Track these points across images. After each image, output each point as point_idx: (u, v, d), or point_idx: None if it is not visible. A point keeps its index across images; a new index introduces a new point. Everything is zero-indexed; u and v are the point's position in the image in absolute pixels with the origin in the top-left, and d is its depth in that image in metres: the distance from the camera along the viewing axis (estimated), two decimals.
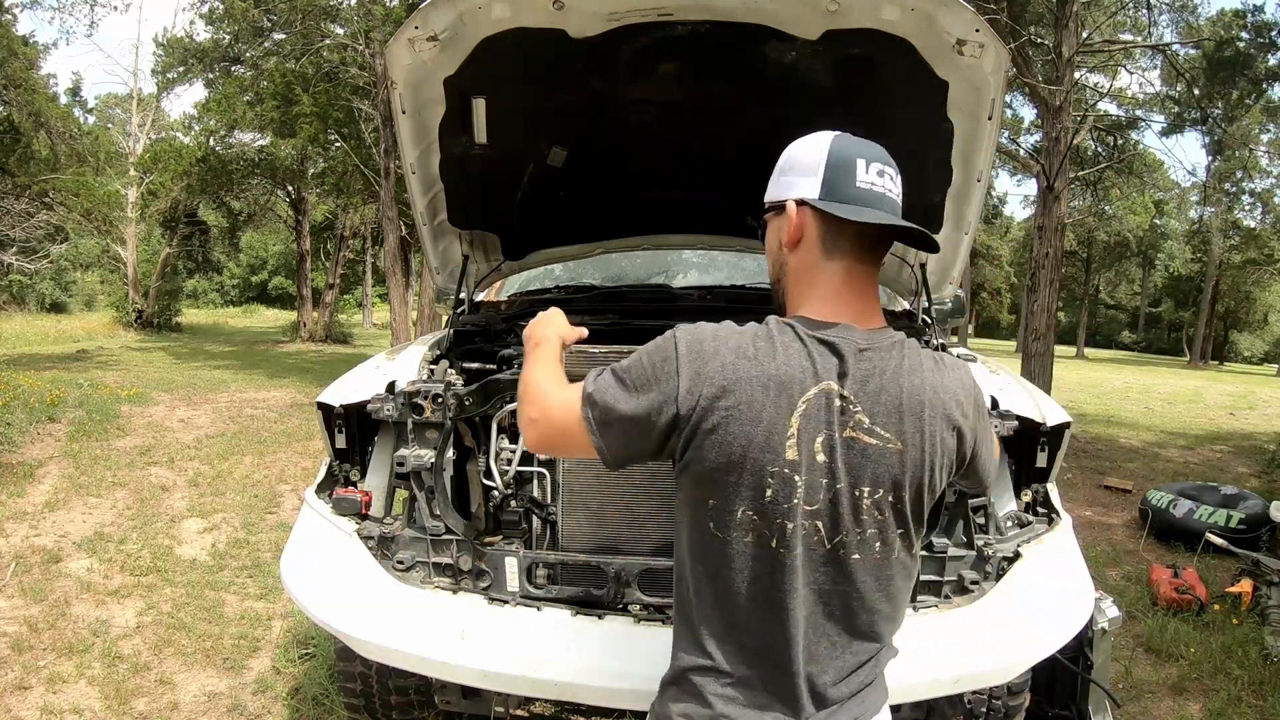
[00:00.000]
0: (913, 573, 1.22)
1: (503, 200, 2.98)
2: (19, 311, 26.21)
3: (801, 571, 1.13)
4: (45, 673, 3.28)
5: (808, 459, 1.09)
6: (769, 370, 1.09)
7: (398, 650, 1.96)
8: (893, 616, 1.20)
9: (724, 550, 1.13)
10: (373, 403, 2.19)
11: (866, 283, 1.19)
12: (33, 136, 16.14)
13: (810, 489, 1.10)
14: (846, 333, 1.13)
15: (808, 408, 1.09)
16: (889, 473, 1.11)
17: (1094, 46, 11.49)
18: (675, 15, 2.26)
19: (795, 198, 1.19)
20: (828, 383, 1.10)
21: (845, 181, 1.15)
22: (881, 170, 1.17)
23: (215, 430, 8.26)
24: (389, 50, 2.32)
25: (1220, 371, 31.73)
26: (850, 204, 1.14)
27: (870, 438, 1.10)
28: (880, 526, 1.13)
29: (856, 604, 1.16)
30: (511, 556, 2.06)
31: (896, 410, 1.10)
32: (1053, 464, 2.30)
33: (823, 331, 1.13)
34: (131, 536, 4.95)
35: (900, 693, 1.89)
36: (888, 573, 1.16)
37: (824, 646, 1.16)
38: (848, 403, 1.10)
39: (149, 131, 24.95)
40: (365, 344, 21.83)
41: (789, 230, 1.19)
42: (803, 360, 1.10)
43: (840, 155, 1.16)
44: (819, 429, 1.09)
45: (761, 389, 1.09)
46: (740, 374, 1.09)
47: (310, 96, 14.55)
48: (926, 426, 1.11)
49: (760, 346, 1.11)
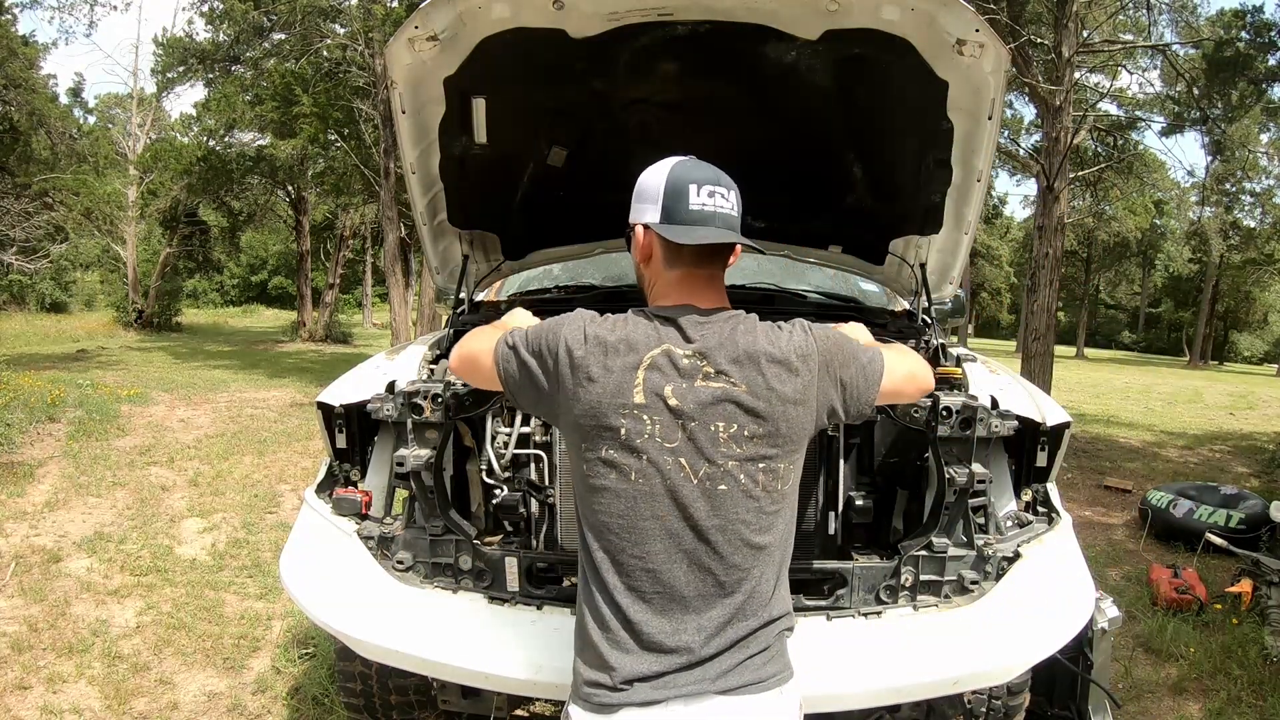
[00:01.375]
0: (784, 508, 1.38)
1: (503, 200, 2.98)
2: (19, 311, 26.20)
3: (670, 502, 1.31)
4: (45, 673, 3.28)
5: (656, 402, 1.32)
6: (620, 335, 1.36)
7: (398, 650, 1.96)
8: (768, 550, 1.35)
9: (599, 483, 1.35)
10: (372, 402, 2.19)
11: (704, 281, 1.42)
12: (33, 136, 16.13)
13: (666, 428, 1.32)
14: (684, 312, 1.38)
15: (652, 362, 1.33)
16: (738, 408, 1.32)
17: (1094, 46, 11.48)
18: (675, 15, 2.26)
19: (643, 222, 1.43)
20: (669, 345, 1.34)
21: (680, 206, 1.38)
22: (712, 191, 1.40)
23: (215, 430, 8.26)
24: (389, 50, 2.32)
25: (1220, 371, 31.73)
26: (685, 225, 1.38)
27: (715, 382, 1.32)
28: (741, 459, 1.32)
29: (730, 536, 1.32)
30: (511, 556, 2.06)
31: (735, 360, 1.33)
32: (1053, 464, 2.30)
33: (665, 312, 1.38)
34: (131, 536, 4.95)
35: (900, 693, 1.89)
36: (756, 502, 1.33)
37: (695, 583, 1.32)
38: (693, 359, 1.33)
39: (149, 131, 24.95)
40: (365, 344, 21.83)
41: (639, 249, 1.45)
42: (648, 330, 1.36)
43: (675, 183, 1.40)
44: (667, 380, 1.32)
45: (614, 352, 1.34)
46: (598, 341, 1.37)
47: (310, 96, 14.54)
48: (764, 370, 1.32)
49: (615, 323, 1.38)
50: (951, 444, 2.04)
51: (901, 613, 2.01)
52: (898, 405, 2.11)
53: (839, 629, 1.97)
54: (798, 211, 3.00)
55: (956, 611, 2.00)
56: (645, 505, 1.32)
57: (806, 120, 2.64)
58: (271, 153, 19.12)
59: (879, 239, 3.02)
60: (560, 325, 1.41)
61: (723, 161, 1.51)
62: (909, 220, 2.88)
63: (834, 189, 2.88)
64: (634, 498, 1.32)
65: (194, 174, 20.78)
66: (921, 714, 2.30)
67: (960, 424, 2.02)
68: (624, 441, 1.32)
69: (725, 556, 1.32)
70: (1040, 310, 9.60)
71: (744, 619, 1.33)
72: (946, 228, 2.82)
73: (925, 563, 2.03)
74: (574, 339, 1.37)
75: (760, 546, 1.34)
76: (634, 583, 1.32)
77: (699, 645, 1.30)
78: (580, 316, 1.42)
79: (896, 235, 2.99)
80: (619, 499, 1.33)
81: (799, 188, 2.88)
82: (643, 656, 1.30)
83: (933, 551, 2.02)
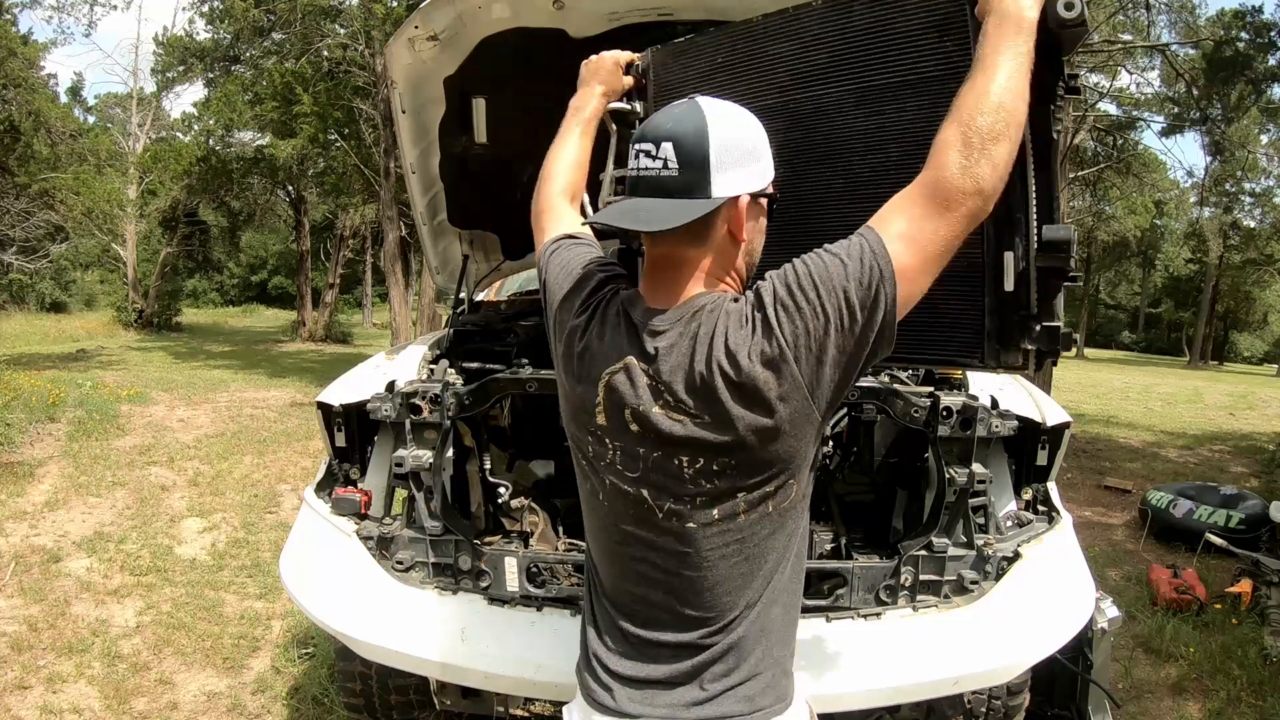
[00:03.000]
0: (778, 532, 1.17)
1: (503, 200, 2.98)
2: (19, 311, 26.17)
3: (634, 530, 1.18)
4: (45, 672, 3.28)
5: (618, 427, 1.16)
6: (590, 344, 1.20)
7: (397, 650, 1.96)
8: (741, 589, 1.17)
9: (582, 492, 1.28)
10: (371, 403, 2.19)
11: (667, 263, 1.18)
12: (33, 136, 16.13)
13: (627, 456, 1.16)
14: (647, 315, 1.16)
15: (610, 379, 1.16)
16: (703, 445, 1.10)
17: (1093, 46, 11.48)
18: (675, 15, 2.26)
19: None
20: (629, 360, 1.15)
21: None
22: (643, 150, 1.14)
23: (215, 430, 8.26)
24: (389, 50, 2.32)
25: (1220, 371, 31.72)
26: (627, 195, 1.18)
27: (676, 415, 1.11)
28: (712, 495, 1.12)
29: (708, 574, 1.16)
30: (511, 556, 2.06)
31: (692, 389, 1.10)
32: (1053, 464, 2.30)
33: (634, 311, 1.17)
34: (131, 536, 4.94)
35: (900, 693, 1.89)
36: (733, 538, 1.14)
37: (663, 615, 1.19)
38: (655, 380, 1.12)
39: (149, 131, 24.95)
40: (365, 344, 21.82)
41: None
42: (613, 337, 1.18)
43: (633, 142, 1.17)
44: (627, 401, 1.14)
45: (580, 358, 1.21)
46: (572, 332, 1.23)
47: (310, 96, 14.54)
48: (725, 399, 1.07)
49: (593, 312, 1.22)
50: (951, 444, 2.05)
51: (901, 613, 2.01)
52: (897, 404, 2.11)
53: (839, 629, 1.97)
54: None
55: (956, 611, 2.00)
56: (614, 530, 1.21)
57: None
58: (271, 153, 19.13)
59: None
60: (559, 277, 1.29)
61: None
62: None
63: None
64: (604, 518, 1.23)
65: (194, 174, 20.79)
66: (921, 714, 2.30)
67: (960, 424, 2.03)
68: (591, 460, 1.21)
69: (703, 595, 1.16)
70: None
71: (731, 657, 1.17)
72: None
73: (925, 563, 2.03)
74: (560, 313, 1.26)
75: (745, 583, 1.17)
76: (616, 593, 1.24)
77: (678, 675, 1.18)
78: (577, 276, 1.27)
79: None
80: (594, 513, 1.25)
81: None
82: (625, 662, 1.21)
83: (933, 551, 2.02)
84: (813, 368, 1.06)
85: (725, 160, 1.11)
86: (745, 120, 1.17)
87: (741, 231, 1.15)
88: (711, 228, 1.14)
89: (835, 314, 1.05)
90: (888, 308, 1.06)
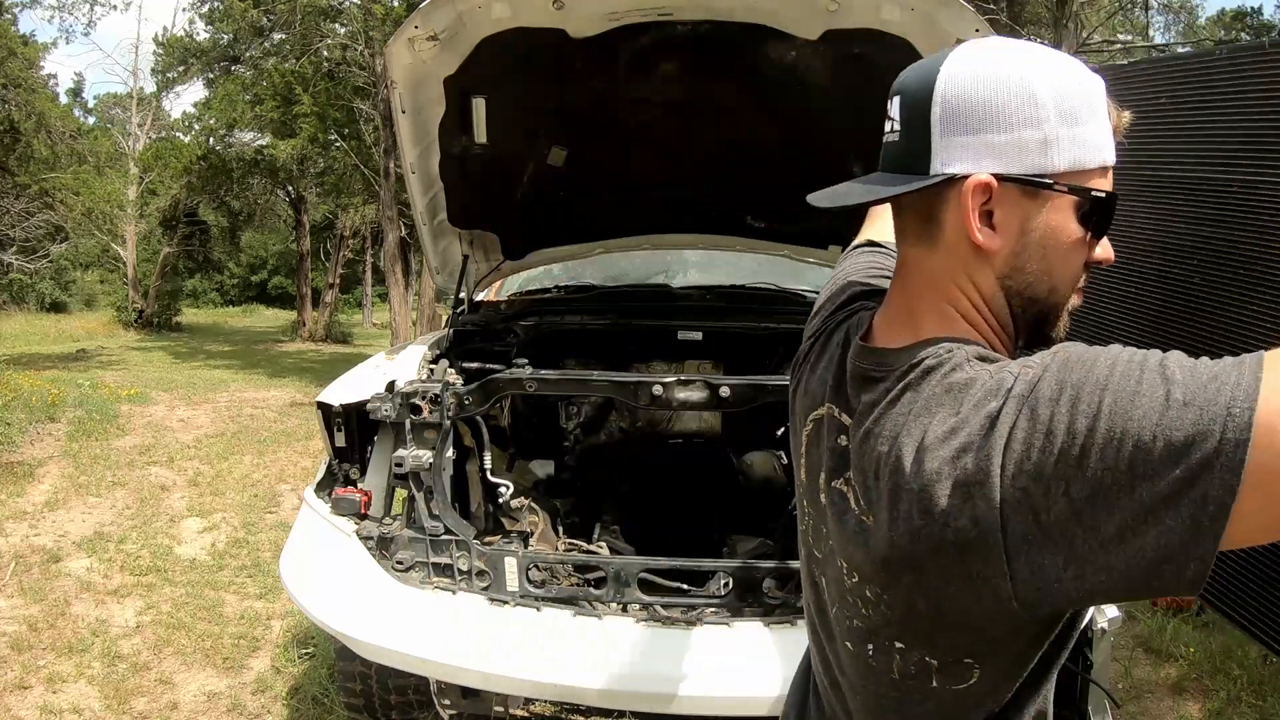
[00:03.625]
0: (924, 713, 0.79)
1: (503, 200, 2.98)
2: (19, 311, 26.16)
3: (812, 620, 0.93)
4: (45, 672, 3.28)
5: (811, 492, 0.87)
6: (805, 375, 0.92)
7: (397, 651, 1.96)
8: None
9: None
10: (371, 403, 2.19)
11: (901, 273, 0.82)
12: (33, 136, 16.13)
13: (815, 533, 0.87)
14: (862, 353, 0.82)
15: (814, 429, 0.87)
16: (864, 558, 0.76)
17: (1093, 46, 11.48)
18: (675, 15, 2.26)
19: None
20: (831, 406, 0.84)
21: None
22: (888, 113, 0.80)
23: (215, 430, 8.26)
24: (389, 50, 2.32)
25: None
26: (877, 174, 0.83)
27: (850, 501, 0.78)
28: (868, 625, 0.78)
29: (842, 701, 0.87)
30: (511, 556, 2.06)
31: (875, 470, 0.73)
32: None
33: (854, 339, 0.85)
34: (131, 536, 4.94)
35: None
36: (875, 689, 0.81)
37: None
38: (845, 445, 0.80)
39: (149, 131, 24.95)
40: (365, 344, 21.81)
41: None
42: (826, 371, 0.87)
43: None
44: (820, 462, 0.85)
45: (801, 395, 0.93)
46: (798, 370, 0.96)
47: (310, 96, 14.54)
48: (900, 510, 0.70)
49: (820, 342, 0.93)
50: None
51: None
52: None
53: None
54: (798, 211, 2.99)
55: None
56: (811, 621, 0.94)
57: (806, 120, 2.64)
58: (271, 153, 19.13)
59: None
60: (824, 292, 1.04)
61: (722, 161, 1.50)
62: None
63: None
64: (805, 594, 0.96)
65: (194, 174, 20.78)
66: None
67: None
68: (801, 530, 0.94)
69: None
70: None
71: None
72: None
73: None
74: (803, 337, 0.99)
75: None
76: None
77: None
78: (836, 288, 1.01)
79: None
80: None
81: (799, 187, 2.88)
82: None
83: None
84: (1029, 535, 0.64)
85: (956, 121, 0.72)
86: (1010, 68, 0.72)
87: (974, 232, 0.73)
88: (936, 222, 0.76)
89: (1105, 475, 0.59)
90: (1203, 517, 0.56)
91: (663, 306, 3.14)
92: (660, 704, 1.86)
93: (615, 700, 1.97)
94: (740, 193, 2.94)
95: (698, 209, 3.05)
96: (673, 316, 3.03)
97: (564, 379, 2.43)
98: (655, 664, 1.88)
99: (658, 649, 1.91)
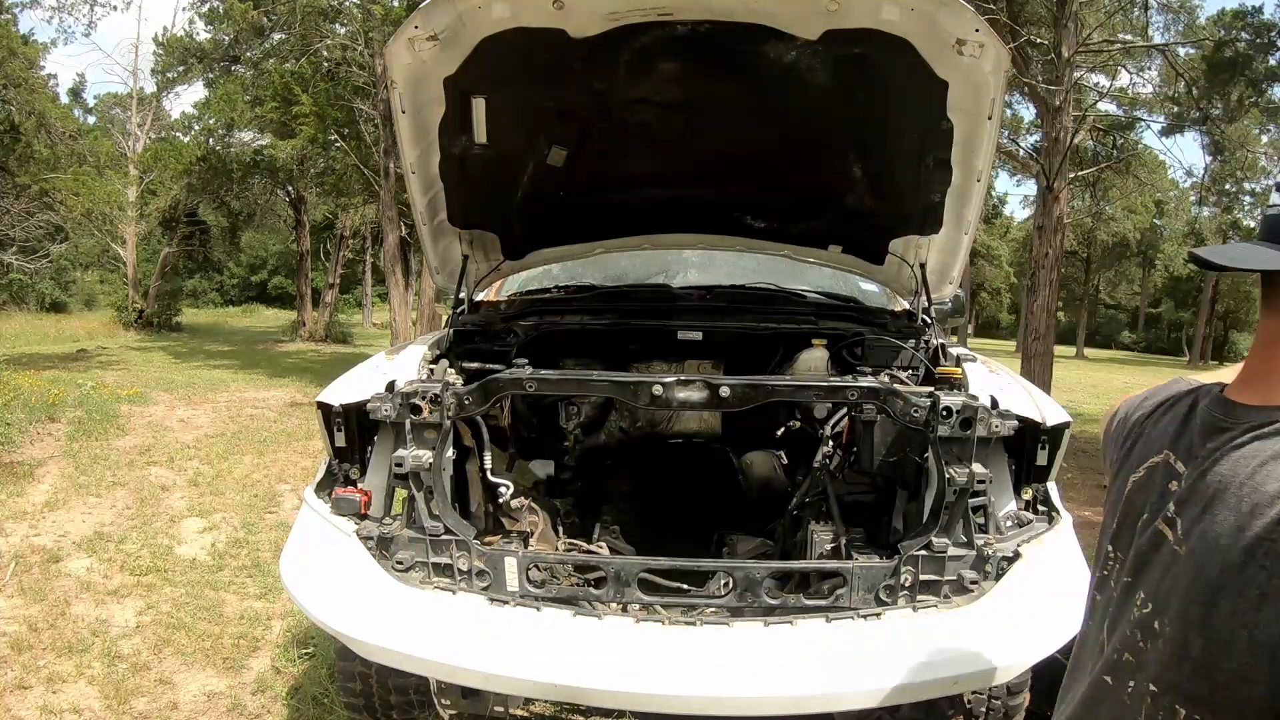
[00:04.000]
0: None
1: (503, 200, 2.98)
2: (19, 311, 26.15)
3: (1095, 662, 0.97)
4: (45, 672, 3.27)
5: (1128, 535, 0.93)
6: (1146, 429, 0.99)
7: (397, 651, 1.96)
8: None
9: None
10: (371, 403, 2.19)
11: (1275, 344, 0.87)
12: (33, 136, 16.13)
13: (1120, 575, 0.92)
14: (1218, 405, 0.88)
15: (1144, 476, 0.92)
16: (1182, 603, 0.79)
17: (1093, 46, 11.48)
18: (675, 15, 2.26)
19: None
20: (1168, 453, 0.90)
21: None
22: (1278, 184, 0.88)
23: (215, 430, 8.26)
24: (389, 50, 2.32)
25: (1220, 371, 31.66)
26: (1259, 242, 0.89)
27: (1177, 545, 0.83)
28: (1161, 666, 0.83)
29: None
30: (511, 556, 2.06)
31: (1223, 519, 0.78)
32: (1053, 463, 2.30)
33: (1205, 398, 0.91)
34: (131, 536, 4.94)
35: (900, 693, 1.89)
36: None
37: None
38: (1174, 495, 0.85)
39: (149, 131, 24.94)
40: (365, 344, 21.80)
41: None
42: (1169, 425, 0.94)
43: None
44: (1145, 507, 0.90)
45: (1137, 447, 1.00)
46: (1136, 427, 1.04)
47: (310, 96, 14.54)
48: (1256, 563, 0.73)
49: (1163, 406, 1.01)
50: (951, 444, 2.05)
51: (901, 613, 2.01)
52: (897, 404, 2.11)
53: (838, 629, 1.97)
54: (798, 211, 3.00)
55: (956, 611, 2.00)
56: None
57: (806, 120, 2.65)
58: (271, 153, 19.14)
59: (879, 239, 3.02)
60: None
61: (723, 161, 1.50)
62: (909, 220, 2.89)
63: (834, 189, 2.89)
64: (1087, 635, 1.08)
65: (194, 174, 20.78)
66: (921, 714, 2.30)
67: (960, 424, 2.03)
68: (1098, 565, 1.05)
69: None
70: (1040, 310, 9.61)
71: None
72: (946, 228, 2.82)
73: (925, 562, 2.03)
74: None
75: None
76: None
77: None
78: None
79: (896, 235, 2.99)
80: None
81: (799, 187, 2.88)
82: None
83: (932, 551, 2.02)
84: None
85: None
86: None
87: None
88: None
89: None
90: None
91: (662, 306, 3.14)
92: (660, 704, 1.86)
93: (615, 700, 1.97)
94: (740, 193, 2.94)
95: (698, 209, 3.05)
96: (672, 316, 3.03)
97: (564, 379, 2.43)
98: (655, 664, 1.88)
99: (658, 649, 1.91)
